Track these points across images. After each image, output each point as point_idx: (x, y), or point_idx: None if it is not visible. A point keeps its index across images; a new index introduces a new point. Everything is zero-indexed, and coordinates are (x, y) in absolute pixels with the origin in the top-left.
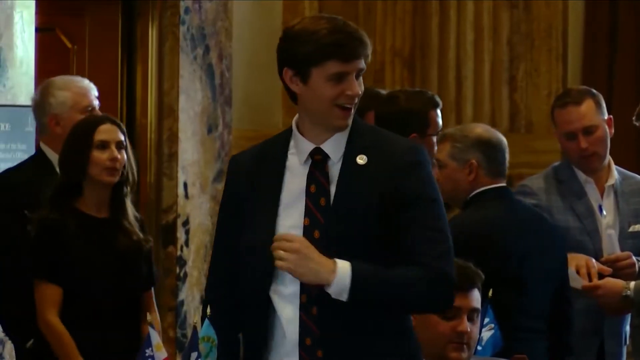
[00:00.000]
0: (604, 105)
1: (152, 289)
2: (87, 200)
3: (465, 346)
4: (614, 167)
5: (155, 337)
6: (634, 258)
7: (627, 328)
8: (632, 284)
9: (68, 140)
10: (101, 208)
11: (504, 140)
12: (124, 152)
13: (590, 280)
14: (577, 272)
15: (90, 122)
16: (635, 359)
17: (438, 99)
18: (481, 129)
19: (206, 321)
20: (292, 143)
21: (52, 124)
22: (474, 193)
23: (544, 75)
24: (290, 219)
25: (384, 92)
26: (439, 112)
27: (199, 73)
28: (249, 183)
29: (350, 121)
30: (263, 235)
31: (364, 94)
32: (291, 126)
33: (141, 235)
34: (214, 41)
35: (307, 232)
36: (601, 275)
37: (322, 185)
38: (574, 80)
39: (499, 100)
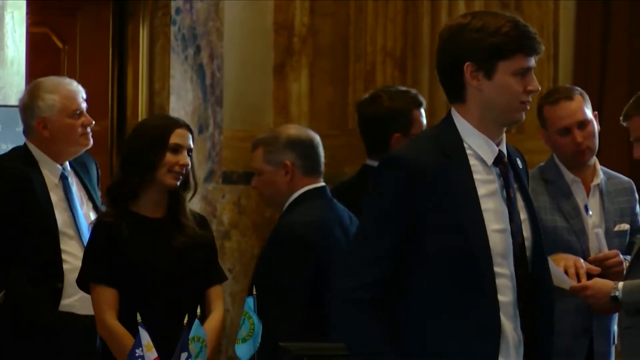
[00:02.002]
0: (589, 101)
1: (219, 285)
2: (143, 201)
3: None
4: (599, 166)
5: (146, 337)
6: (621, 256)
7: (615, 327)
8: (621, 284)
9: (139, 138)
10: (157, 209)
11: (317, 137)
12: (189, 158)
13: (578, 280)
14: (566, 272)
15: (167, 124)
16: (624, 359)
17: (421, 98)
18: (292, 129)
19: (196, 321)
20: (468, 141)
21: (39, 127)
22: (296, 195)
23: (535, 76)
24: (494, 223)
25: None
26: (422, 111)
27: (190, 73)
28: (438, 182)
29: None
30: (476, 239)
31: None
32: (449, 120)
33: (198, 230)
34: (205, 41)
35: (514, 237)
36: (590, 276)
37: (515, 189)
38: (565, 80)
39: None
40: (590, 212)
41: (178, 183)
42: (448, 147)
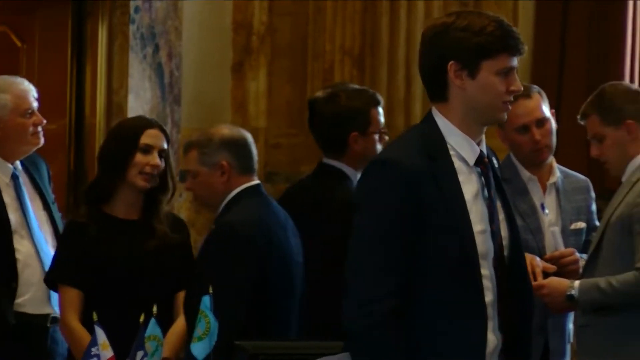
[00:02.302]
0: (547, 99)
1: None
2: (117, 203)
3: None
4: (555, 165)
5: (102, 336)
6: (577, 255)
7: (571, 326)
8: (577, 283)
9: (112, 138)
10: (130, 210)
11: (250, 136)
12: (164, 160)
13: (535, 279)
14: None
15: (139, 125)
16: (581, 358)
17: (379, 97)
18: (224, 130)
19: (152, 320)
20: (450, 141)
21: None
22: (232, 195)
23: None
24: (477, 224)
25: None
26: (380, 110)
27: (149, 72)
28: (426, 186)
29: None
30: (465, 242)
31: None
32: (430, 121)
33: (170, 234)
34: (164, 40)
35: (494, 238)
36: (546, 274)
37: (494, 190)
38: (523, 79)
39: None
40: (547, 211)
41: (149, 185)
42: (432, 149)
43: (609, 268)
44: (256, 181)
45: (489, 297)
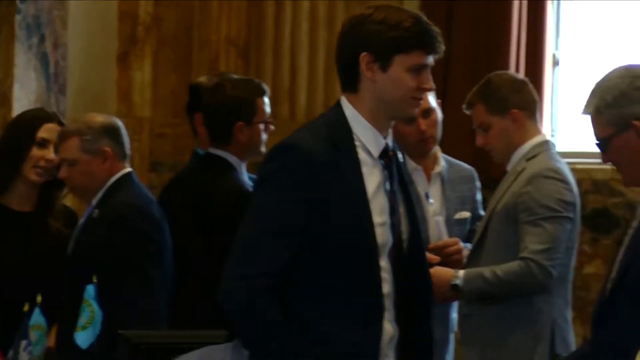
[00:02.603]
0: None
1: None
2: (12, 194)
3: None
4: (440, 155)
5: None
6: (461, 244)
7: (455, 315)
8: (461, 272)
9: (10, 130)
10: (24, 202)
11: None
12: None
13: None
14: None
15: (38, 117)
16: (464, 347)
17: (265, 87)
18: (99, 117)
19: (36, 309)
20: (357, 132)
21: None
22: (112, 181)
23: None
24: (378, 216)
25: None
26: (265, 99)
27: (34, 62)
28: (329, 174)
29: None
30: (364, 233)
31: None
32: (338, 110)
33: (64, 229)
34: (50, 30)
35: (394, 230)
36: (430, 264)
37: (397, 183)
38: None
39: (333, 90)
40: (431, 200)
41: (42, 179)
42: (338, 138)
43: (493, 257)
44: (130, 168)
45: (386, 288)
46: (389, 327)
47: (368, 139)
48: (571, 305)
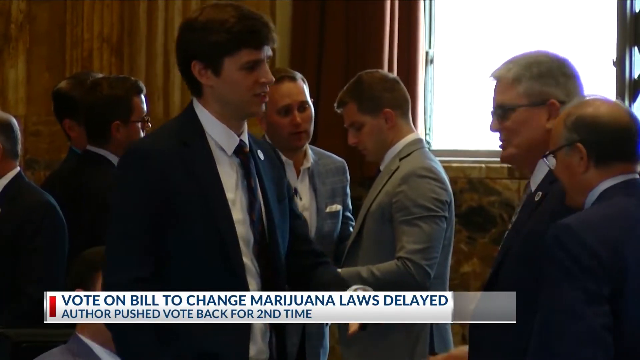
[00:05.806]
0: (307, 88)
1: None
2: None
3: None
4: (309, 150)
5: None
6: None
7: None
8: (338, 271)
9: None
10: None
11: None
12: None
13: None
14: None
15: None
16: (344, 347)
17: (142, 85)
18: None
19: None
20: (208, 131)
21: None
22: (7, 181)
23: None
24: (237, 213)
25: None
26: (142, 97)
27: None
28: (177, 170)
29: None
30: (225, 229)
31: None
32: (190, 110)
33: None
34: None
35: (255, 226)
36: None
37: (256, 179)
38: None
39: None
40: (301, 196)
41: None
42: (189, 136)
43: (370, 257)
44: (19, 167)
45: (253, 285)
46: (259, 325)
47: (220, 137)
48: None
